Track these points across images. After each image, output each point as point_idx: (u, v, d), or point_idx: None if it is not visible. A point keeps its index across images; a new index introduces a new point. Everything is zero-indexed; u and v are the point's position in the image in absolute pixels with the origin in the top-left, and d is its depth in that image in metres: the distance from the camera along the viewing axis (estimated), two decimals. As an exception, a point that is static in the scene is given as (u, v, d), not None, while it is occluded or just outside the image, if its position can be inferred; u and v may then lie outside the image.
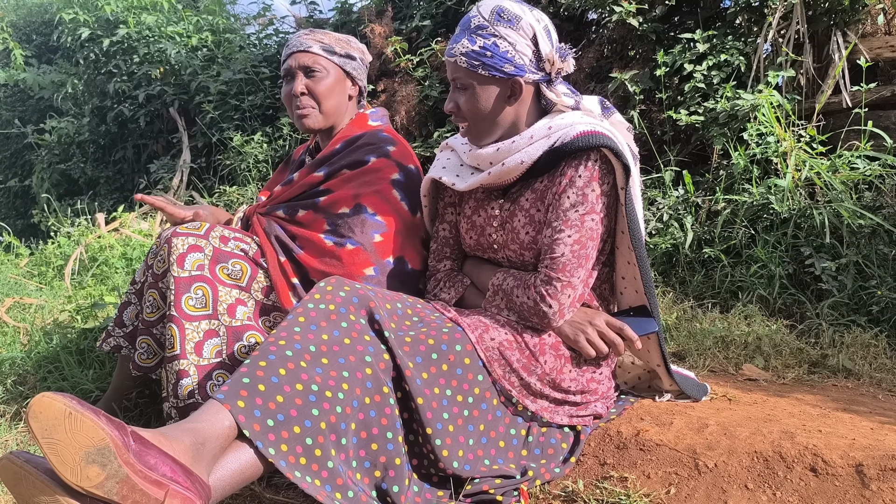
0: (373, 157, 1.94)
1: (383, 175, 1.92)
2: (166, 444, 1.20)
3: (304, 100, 2.01)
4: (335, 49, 2.03)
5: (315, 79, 2.00)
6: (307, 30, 2.08)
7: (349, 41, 2.09)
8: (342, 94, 2.05)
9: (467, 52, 1.66)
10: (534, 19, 1.66)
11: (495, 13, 1.64)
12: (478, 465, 1.56)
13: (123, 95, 7.15)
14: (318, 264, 1.85)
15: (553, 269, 1.65)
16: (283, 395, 1.35)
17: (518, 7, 1.66)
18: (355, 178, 1.92)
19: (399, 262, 1.88)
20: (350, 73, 2.06)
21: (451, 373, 1.55)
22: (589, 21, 4.55)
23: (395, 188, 1.92)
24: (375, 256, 1.85)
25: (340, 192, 1.91)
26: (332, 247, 1.85)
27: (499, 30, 1.64)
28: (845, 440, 1.55)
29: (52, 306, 3.28)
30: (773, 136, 3.25)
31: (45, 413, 1.10)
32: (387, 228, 1.88)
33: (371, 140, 1.98)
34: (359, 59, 2.09)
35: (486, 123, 1.73)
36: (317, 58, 2.01)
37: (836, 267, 2.77)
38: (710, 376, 2.25)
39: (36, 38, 10.21)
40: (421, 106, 4.93)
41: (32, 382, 2.35)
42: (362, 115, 2.10)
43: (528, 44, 1.65)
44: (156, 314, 1.91)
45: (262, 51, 6.81)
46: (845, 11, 3.52)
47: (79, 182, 7.87)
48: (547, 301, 1.65)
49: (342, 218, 1.88)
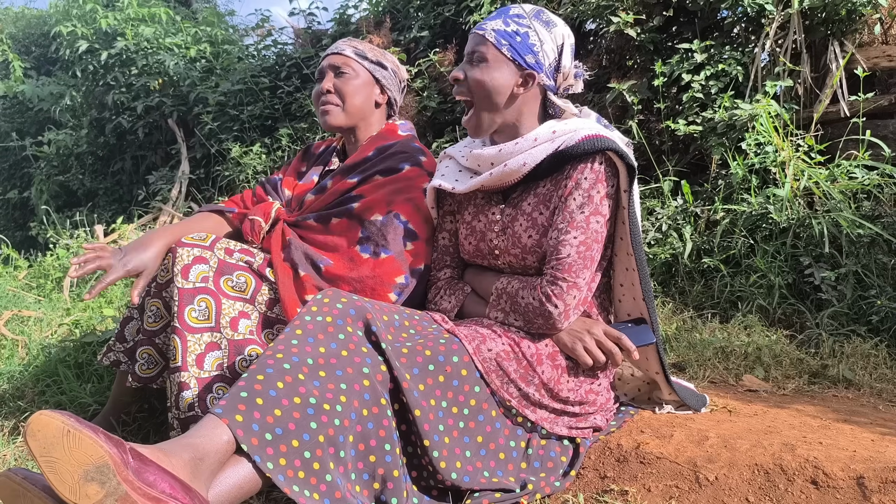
0: (407, 165, 1.97)
1: (416, 184, 1.95)
2: (165, 461, 1.19)
3: (330, 97, 2.06)
4: (367, 55, 2.09)
5: (343, 78, 2.06)
6: (346, 38, 2.15)
7: (384, 53, 2.15)
8: (368, 97, 2.10)
9: (498, 30, 1.72)
10: (566, 32, 1.76)
11: (536, 11, 1.75)
12: (477, 476, 1.55)
13: (122, 107, 7.16)
14: (347, 273, 1.86)
15: (559, 270, 1.65)
16: (281, 409, 1.35)
17: (556, 17, 1.77)
18: (388, 185, 1.95)
19: (427, 269, 1.92)
20: (379, 80, 2.11)
21: (447, 384, 1.55)
22: (587, 31, 4.56)
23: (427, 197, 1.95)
24: (406, 265, 1.88)
25: (373, 198, 1.93)
26: (368, 258, 1.87)
27: (534, 24, 1.72)
28: (846, 452, 1.54)
29: (51, 319, 3.27)
30: (771, 145, 3.26)
31: (43, 431, 1.09)
32: (418, 237, 1.91)
33: (404, 149, 2.02)
34: (391, 69, 2.14)
35: (488, 102, 1.74)
36: (348, 59, 2.08)
37: (836, 276, 2.77)
38: (710, 387, 2.24)
39: (35, 50, 10.24)
40: (419, 116, 4.94)
41: (31, 396, 2.35)
42: (393, 125, 2.14)
43: (554, 49, 1.73)
44: (159, 324, 1.90)
45: (260, 62, 6.82)
46: (842, 21, 3.54)
47: (77, 194, 7.87)
48: (553, 301, 1.65)
49: (375, 225, 1.90)
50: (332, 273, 1.87)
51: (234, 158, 5.77)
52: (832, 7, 3.49)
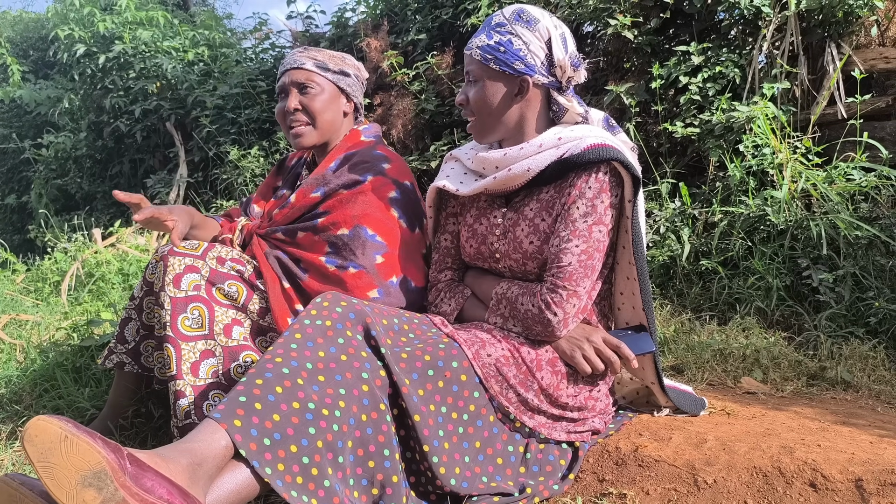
0: (369, 175, 1.93)
1: (381, 194, 1.91)
2: (163, 466, 1.19)
3: (299, 116, 2.01)
4: (329, 66, 2.03)
5: (309, 95, 2.00)
6: (301, 48, 2.09)
7: (344, 58, 2.09)
8: (337, 110, 2.05)
9: (482, 46, 1.71)
10: (552, 25, 1.71)
11: (515, 13, 1.71)
12: (476, 482, 1.55)
13: (120, 110, 7.16)
14: (321, 288, 1.83)
15: (559, 278, 1.65)
16: (280, 414, 1.34)
17: (538, 11, 1.73)
18: (353, 199, 1.90)
19: (403, 281, 1.88)
20: (344, 90, 2.06)
21: (447, 389, 1.55)
22: (584, 34, 4.57)
23: (393, 206, 1.91)
24: (378, 278, 1.84)
25: (338, 213, 1.90)
26: (334, 271, 1.84)
27: (516, 28, 1.70)
28: (844, 454, 1.54)
29: (49, 323, 3.27)
30: (768, 147, 3.26)
31: (41, 437, 1.09)
32: (388, 248, 1.87)
33: (365, 158, 1.97)
34: (353, 75, 2.08)
35: (491, 119, 1.76)
36: (311, 74, 2.01)
37: (834, 278, 2.78)
38: (709, 390, 2.24)
39: (33, 54, 10.24)
40: (417, 119, 4.94)
41: (28, 401, 2.34)
42: (355, 132, 2.09)
43: (542, 46, 1.70)
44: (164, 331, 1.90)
45: (258, 65, 6.82)
46: (839, 23, 3.55)
47: (75, 197, 7.87)
48: (552, 309, 1.65)
49: (342, 239, 1.87)
50: (310, 287, 1.85)
51: (232, 162, 5.77)
52: (829, 9, 3.49)
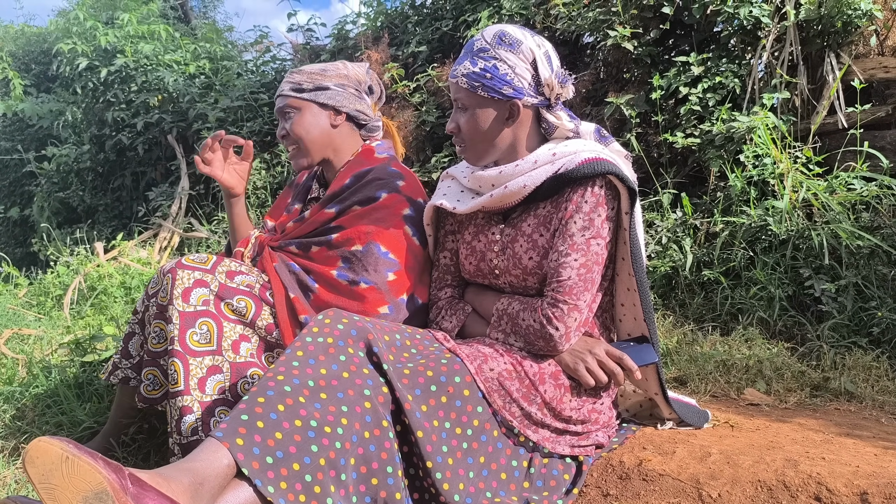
0: (384, 192, 1.93)
1: (394, 211, 1.91)
2: (164, 486, 1.19)
3: (287, 142, 2.06)
4: (303, 86, 2.03)
5: (291, 121, 2.03)
6: (291, 70, 2.11)
7: (324, 71, 2.07)
8: (323, 127, 2.04)
9: (468, 74, 1.70)
10: (535, 44, 1.69)
11: (497, 37, 1.69)
12: (479, 497, 1.55)
13: (122, 124, 7.18)
14: (333, 301, 1.84)
15: (559, 292, 1.65)
16: (282, 432, 1.34)
17: (520, 32, 1.70)
18: (367, 215, 1.91)
19: (412, 299, 1.89)
20: (326, 104, 2.04)
21: (450, 405, 1.54)
22: (584, 45, 4.58)
23: (407, 224, 1.91)
24: (389, 295, 1.84)
25: (352, 230, 1.91)
26: (346, 285, 1.85)
27: (499, 53, 1.68)
28: (849, 467, 1.54)
29: (51, 337, 3.27)
30: (769, 157, 3.27)
31: (42, 458, 1.09)
32: (400, 266, 1.87)
33: (380, 175, 1.98)
34: (335, 86, 2.05)
35: (484, 144, 1.76)
36: (288, 99, 2.04)
37: (836, 288, 2.77)
38: (712, 401, 2.24)
39: (35, 68, 10.27)
40: (418, 131, 4.95)
41: (31, 417, 2.34)
42: (369, 148, 2.09)
43: (528, 68, 1.69)
44: (162, 345, 1.87)
45: (259, 78, 6.84)
46: (838, 33, 3.55)
47: (78, 210, 7.88)
48: (554, 324, 1.65)
49: (355, 255, 1.87)
50: (321, 299, 1.86)
51: (234, 174, 5.76)
52: (828, 19, 3.50)
